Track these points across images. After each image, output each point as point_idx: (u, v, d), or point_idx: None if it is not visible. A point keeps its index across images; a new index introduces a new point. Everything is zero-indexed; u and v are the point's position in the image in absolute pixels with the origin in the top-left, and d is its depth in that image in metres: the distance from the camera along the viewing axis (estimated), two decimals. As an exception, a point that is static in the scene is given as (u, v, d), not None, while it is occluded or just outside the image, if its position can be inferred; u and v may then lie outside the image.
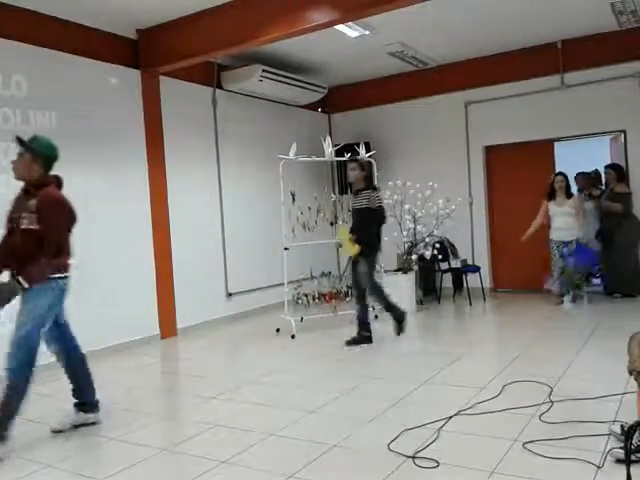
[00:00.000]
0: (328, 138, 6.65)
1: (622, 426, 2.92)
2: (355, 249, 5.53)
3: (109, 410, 4.08)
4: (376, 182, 6.98)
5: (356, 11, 5.18)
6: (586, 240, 7.07)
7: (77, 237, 5.56)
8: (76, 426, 3.69)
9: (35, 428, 3.83)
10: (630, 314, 6.17)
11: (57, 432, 3.63)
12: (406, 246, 7.23)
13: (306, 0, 5.24)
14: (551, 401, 3.64)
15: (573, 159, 8.61)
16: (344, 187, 8.10)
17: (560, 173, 7.12)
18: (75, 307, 5.53)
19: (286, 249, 6.30)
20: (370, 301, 5.93)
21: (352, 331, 6.35)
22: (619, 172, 7.20)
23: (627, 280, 7.06)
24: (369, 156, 6.83)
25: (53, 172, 3.63)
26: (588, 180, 7.99)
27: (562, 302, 7.00)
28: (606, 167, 7.47)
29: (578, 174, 8.20)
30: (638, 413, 2.76)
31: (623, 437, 2.65)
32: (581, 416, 3.34)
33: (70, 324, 3.83)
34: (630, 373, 2.65)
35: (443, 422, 3.40)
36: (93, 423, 3.75)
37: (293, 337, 6.07)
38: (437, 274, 7.90)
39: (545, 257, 7.80)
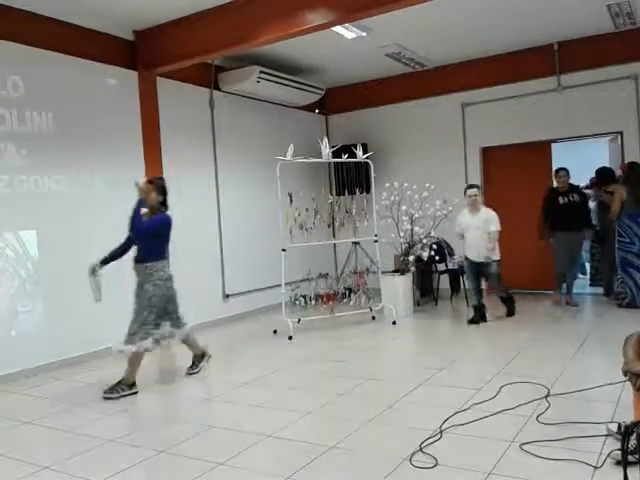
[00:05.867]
0: (325, 139, 6.66)
1: (619, 424, 2.92)
2: None
3: (107, 412, 4.08)
4: (373, 183, 7.03)
5: (353, 13, 5.18)
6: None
7: (75, 238, 5.59)
8: None
9: (32, 429, 3.82)
10: (628, 315, 6.19)
11: None
12: (403, 247, 7.23)
13: (303, 2, 5.24)
14: (548, 402, 3.65)
15: (570, 160, 8.64)
16: (341, 188, 8.10)
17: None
18: (72, 308, 5.55)
19: (283, 250, 6.31)
20: None
21: (351, 331, 6.36)
22: (601, 177, 7.26)
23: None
24: (366, 157, 6.85)
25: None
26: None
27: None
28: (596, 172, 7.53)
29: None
30: (634, 414, 2.77)
31: (620, 435, 2.65)
32: (578, 417, 3.34)
33: None
34: (625, 374, 2.66)
35: (440, 423, 3.40)
36: None
37: (290, 338, 6.06)
38: (434, 275, 7.90)
39: (542, 258, 7.83)
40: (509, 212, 8.11)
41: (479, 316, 6.44)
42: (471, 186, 6.57)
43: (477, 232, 6.35)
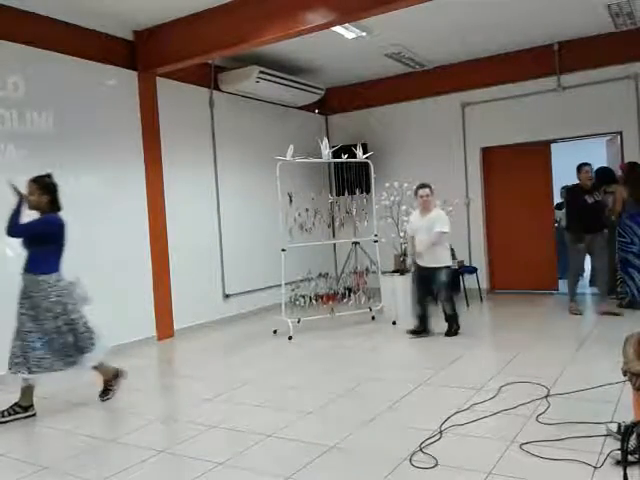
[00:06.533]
0: (325, 139, 6.67)
1: (619, 424, 2.92)
2: None
3: (107, 412, 4.08)
4: (373, 183, 7.03)
5: (353, 13, 5.19)
6: None
7: (75, 238, 5.58)
8: None
9: (32, 429, 3.82)
10: (628, 315, 6.19)
11: None
12: (403, 247, 7.24)
13: (303, 2, 5.25)
14: (548, 402, 3.65)
15: (570, 160, 8.63)
16: (341, 188, 8.11)
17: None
18: (72, 309, 5.53)
19: (283, 250, 6.31)
20: None
21: (351, 331, 6.37)
22: (601, 178, 7.22)
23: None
24: (366, 157, 6.85)
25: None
26: None
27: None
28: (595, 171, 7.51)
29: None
30: (634, 414, 2.77)
31: (620, 435, 2.66)
32: (578, 417, 3.34)
33: None
34: (625, 374, 2.66)
35: (440, 423, 3.40)
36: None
37: (290, 338, 6.06)
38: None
39: (542, 258, 7.84)
40: (509, 212, 8.15)
41: (424, 327, 5.93)
42: (422, 185, 5.95)
43: (425, 235, 5.80)
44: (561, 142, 8.08)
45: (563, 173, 8.69)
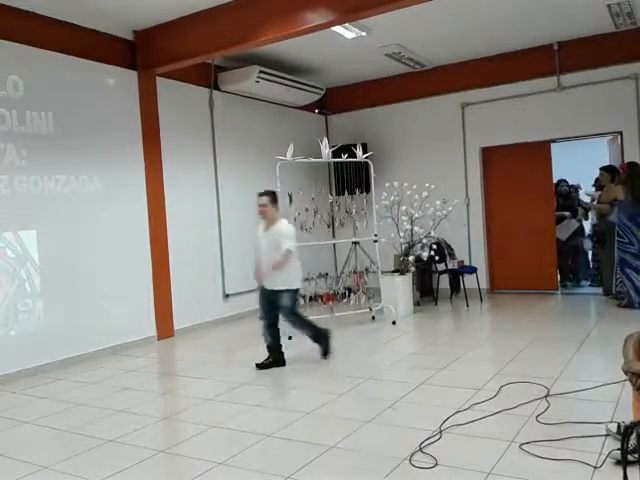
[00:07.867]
0: (325, 139, 6.67)
1: (619, 424, 2.93)
2: None
3: (107, 412, 4.08)
4: (373, 183, 7.02)
5: (353, 13, 5.19)
6: None
7: (75, 238, 5.59)
8: None
9: (32, 429, 3.82)
10: (627, 315, 6.19)
11: None
12: (403, 247, 7.24)
13: (303, 2, 5.24)
14: (548, 402, 3.65)
15: (570, 161, 8.65)
16: (341, 188, 8.10)
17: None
18: (72, 308, 5.56)
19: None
20: None
21: (351, 331, 6.36)
22: (612, 174, 7.20)
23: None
24: (366, 157, 6.86)
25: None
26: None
27: None
28: (600, 169, 7.48)
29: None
30: (633, 414, 2.77)
31: (620, 435, 2.66)
32: (577, 417, 3.34)
33: None
34: (625, 374, 2.66)
35: (440, 423, 3.40)
36: None
37: (290, 338, 6.06)
38: (434, 275, 7.91)
39: (542, 258, 7.83)
40: (509, 212, 8.14)
41: (274, 358, 5.02)
42: (261, 193, 5.08)
43: (267, 251, 4.99)
44: (561, 142, 8.07)
45: (564, 173, 8.71)
